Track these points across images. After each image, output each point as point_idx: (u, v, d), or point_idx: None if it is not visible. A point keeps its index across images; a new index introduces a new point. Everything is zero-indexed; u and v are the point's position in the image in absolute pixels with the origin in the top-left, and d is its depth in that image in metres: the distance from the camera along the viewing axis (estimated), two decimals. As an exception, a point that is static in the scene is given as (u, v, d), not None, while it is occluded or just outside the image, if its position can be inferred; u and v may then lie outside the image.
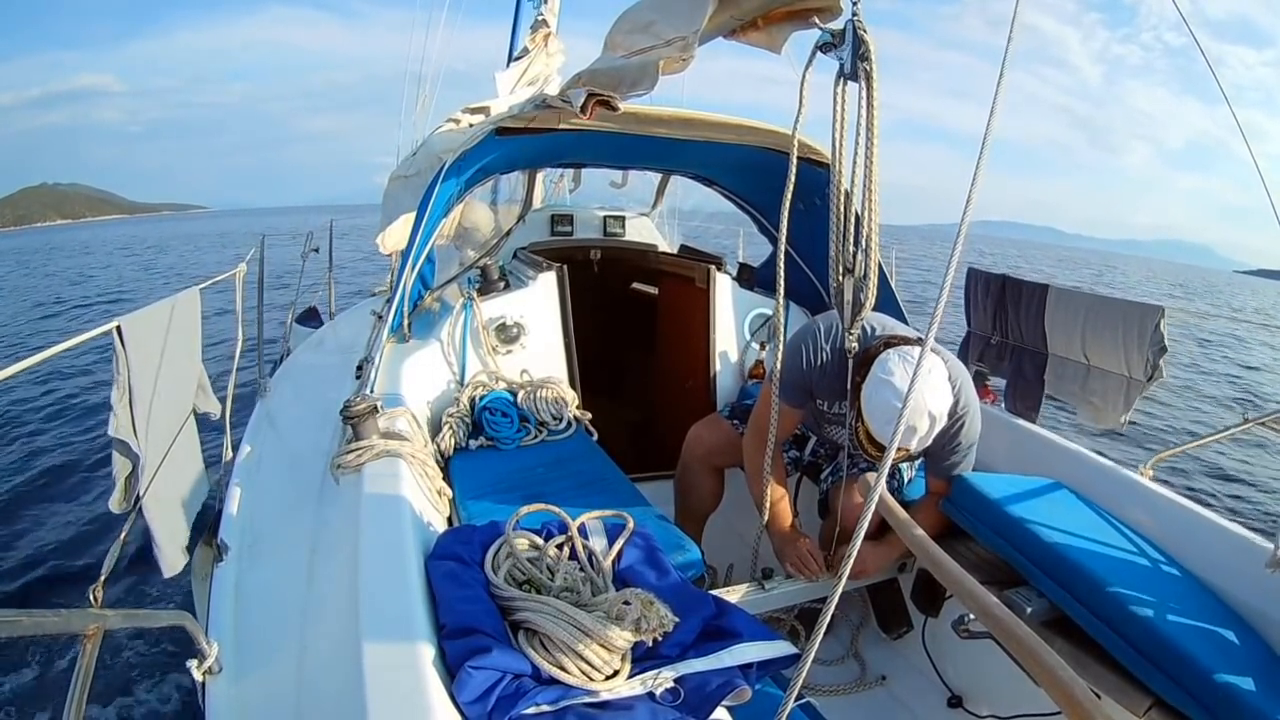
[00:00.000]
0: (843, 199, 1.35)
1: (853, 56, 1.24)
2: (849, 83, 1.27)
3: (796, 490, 2.24)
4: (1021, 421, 2.13)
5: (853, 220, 1.38)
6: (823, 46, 1.29)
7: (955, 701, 1.79)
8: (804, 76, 1.35)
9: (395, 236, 2.31)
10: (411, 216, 2.19)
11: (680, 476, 2.11)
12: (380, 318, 2.23)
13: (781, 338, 1.63)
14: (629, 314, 3.56)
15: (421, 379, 2.11)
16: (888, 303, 2.39)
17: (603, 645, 0.92)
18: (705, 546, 1.73)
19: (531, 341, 2.33)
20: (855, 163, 1.30)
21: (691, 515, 2.08)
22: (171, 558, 1.48)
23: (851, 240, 1.39)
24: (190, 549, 1.60)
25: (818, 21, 1.30)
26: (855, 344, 1.56)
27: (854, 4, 1.22)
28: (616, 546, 1.24)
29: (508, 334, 2.29)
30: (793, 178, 1.46)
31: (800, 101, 1.37)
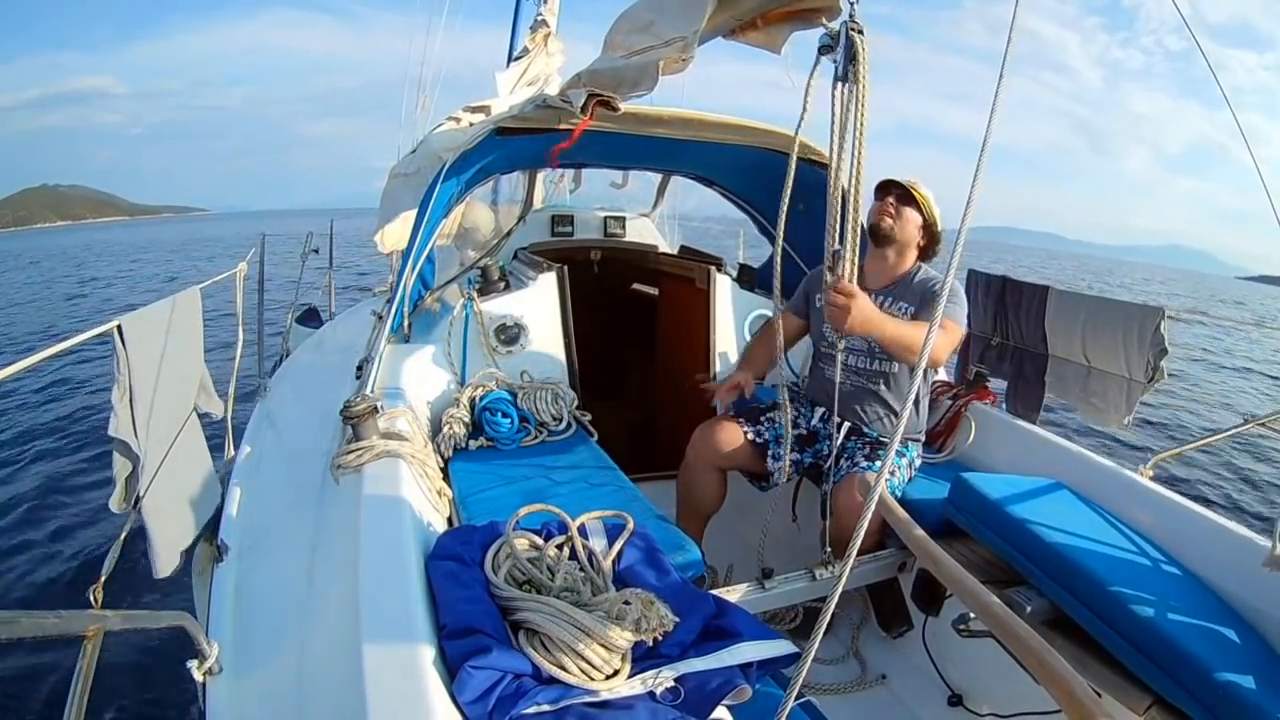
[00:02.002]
0: (839, 199, 1.35)
1: (844, 60, 1.24)
2: (845, 85, 1.27)
3: (796, 490, 2.24)
4: (1021, 422, 2.13)
5: (847, 220, 1.38)
6: (823, 49, 1.29)
7: (956, 700, 1.79)
8: (809, 81, 1.35)
9: (394, 235, 2.31)
10: (410, 215, 2.18)
11: (684, 476, 2.11)
12: (380, 318, 2.24)
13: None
14: (629, 314, 3.56)
15: (421, 379, 2.11)
16: None
17: (603, 645, 0.92)
18: (705, 546, 1.73)
19: (531, 342, 2.33)
20: (849, 163, 1.30)
21: (693, 515, 2.08)
22: (166, 558, 1.48)
23: (838, 239, 1.39)
24: (190, 549, 1.60)
25: (824, 22, 1.31)
26: (843, 344, 1.57)
27: (851, 5, 1.22)
28: (616, 546, 1.24)
29: (508, 334, 2.29)
30: (791, 179, 1.46)
31: (804, 106, 1.38)
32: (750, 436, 2.04)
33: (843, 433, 1.95)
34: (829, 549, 1.73)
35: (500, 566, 1.10)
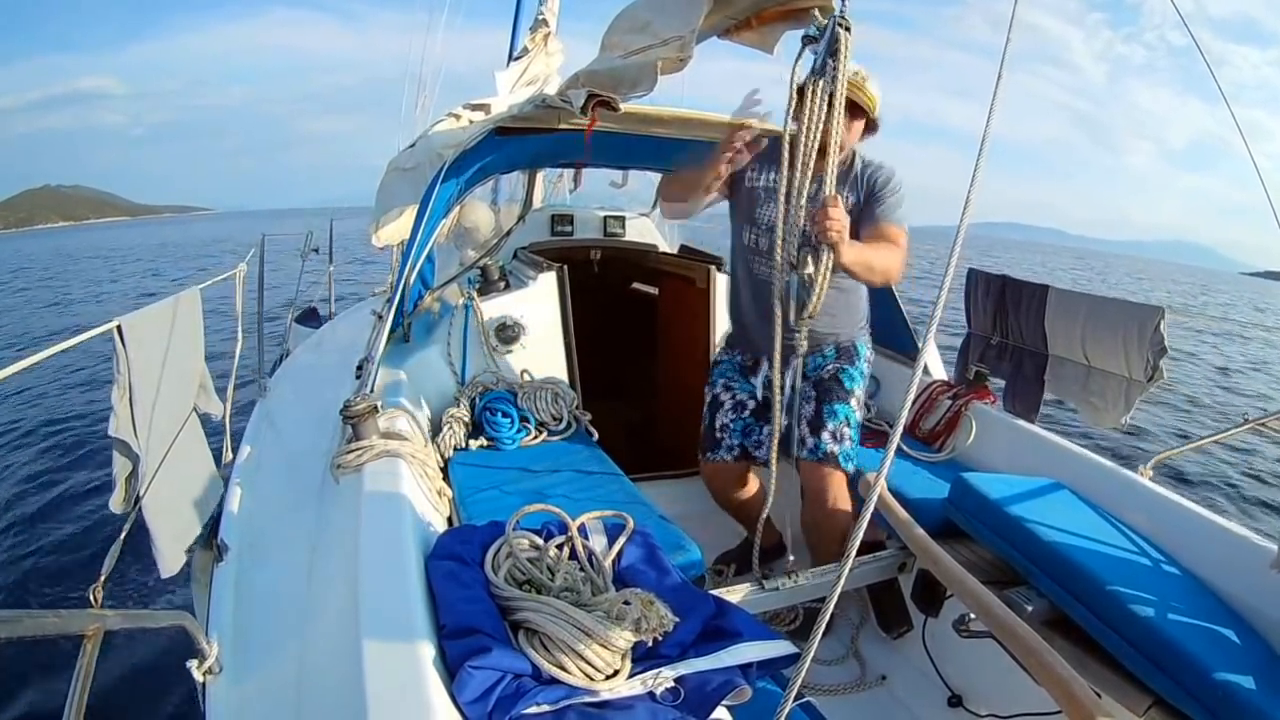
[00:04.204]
0: (794, 193, 1.34)
1: (825, 53, 1.23)
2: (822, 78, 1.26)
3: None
4: (1021, 422, 2.13)
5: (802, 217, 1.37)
6: (807, 39, 1.29)
7: (955, 701, 1.79)
8: (794, 71, 1.33)
9: (390, 230, 2.30)
10: (407, 210, 2.18)
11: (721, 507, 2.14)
12: (380, 318, 2.23)
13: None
14: (629, 314, 3.56)
15: (421, 379, 2.11)
16: (884, 305, 2.38)
17: (603, 645, 0.92)
18: (705, 546, 1.73)
19: (531, 341, 2.33)
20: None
21: (750, 520, 2.08)
22: (171, 558, 1.48)
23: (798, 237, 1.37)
24: (190, 549, 1.60)
25: (818, 15, 1.30)
26: (805, 343, 1.50)
27: (842, 3, 1.22)
28: (616, 546, 1.23)
29: (508, 334, 2.29)
30: (785, 175, 1.45)
31: (790, 96, 1.36)
32: (734, 453, 1.97)
33: (793, 375, 1.73)
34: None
35: (500, 566, 1.10)
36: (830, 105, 1.26)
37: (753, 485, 2.07)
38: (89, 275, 21.88)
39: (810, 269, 1.38)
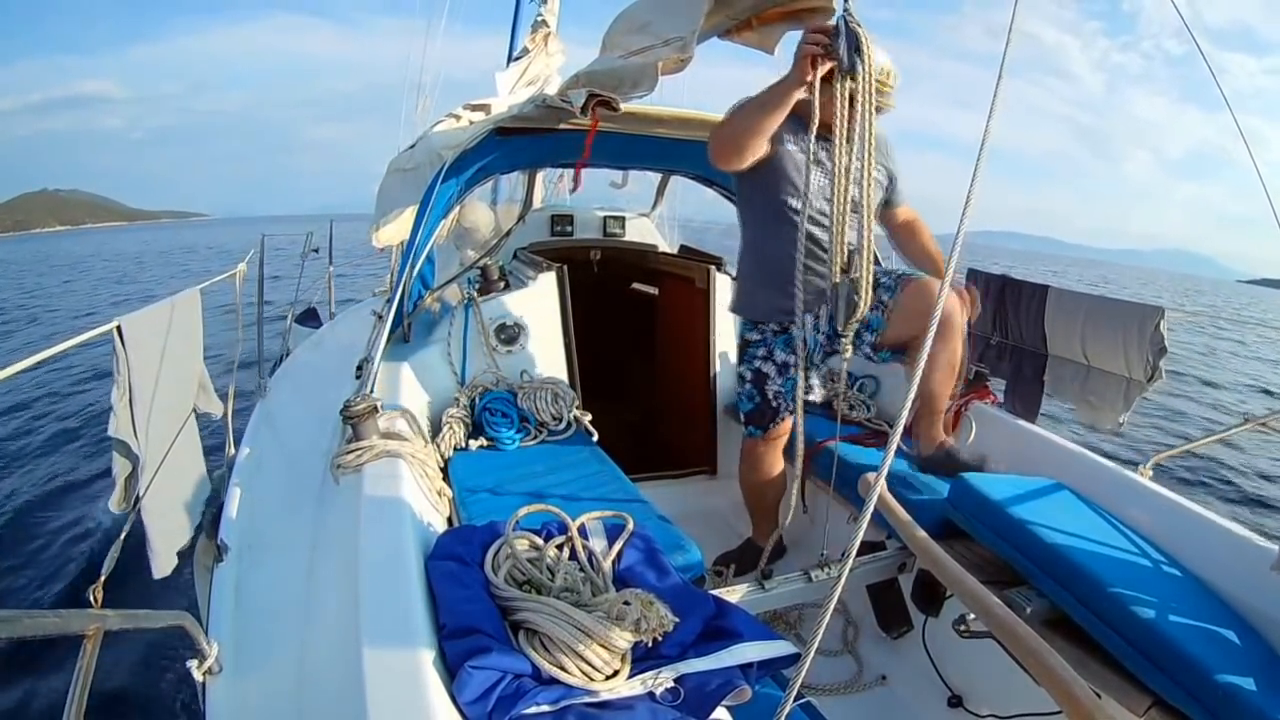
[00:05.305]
0: (842, 197, 1.35)
1: (849, 50, 1.25)
2: (848, 79, 1.27)
3: (803, 482, 2.23)
4: (1021, 421, 2.13)
5: (846, 218, 1.38)
6: (825, 48, 1.31)
7: (955, 701, 1.79)
8: (816, 82, 1.36)
9: (390, 231, 2.30)
10: (407, 211, 2.18)
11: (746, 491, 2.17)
12: (380, 318, 2.23)
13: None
14: (629, 314, 3.56)
15: (421, 379, 2.11)
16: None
17: (603, 645, 0.92)
18: (705, 546, 1.73)
19: (531, 342, 2.33)
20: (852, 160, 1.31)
21: (767, 515, 2.13)
22: (164, 558, 1.48)
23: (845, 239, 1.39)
24: (190, 549, 1.60)
25: (817, 19, 1.32)
26: (850, 348, 1.54)
27: (845, 1, 1.23)
28: (616, 547, 1.23)
29: (508, 334, 2.29)
30: (810, 182, 1.47)
31: (816, 102, 1.38)
32: (782, 421, 2.01)
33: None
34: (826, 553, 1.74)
35: (500, 567, 1.10)
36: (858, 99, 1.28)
37: (782, 463, 2.10)
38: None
39: (857, 273, 1.38)
